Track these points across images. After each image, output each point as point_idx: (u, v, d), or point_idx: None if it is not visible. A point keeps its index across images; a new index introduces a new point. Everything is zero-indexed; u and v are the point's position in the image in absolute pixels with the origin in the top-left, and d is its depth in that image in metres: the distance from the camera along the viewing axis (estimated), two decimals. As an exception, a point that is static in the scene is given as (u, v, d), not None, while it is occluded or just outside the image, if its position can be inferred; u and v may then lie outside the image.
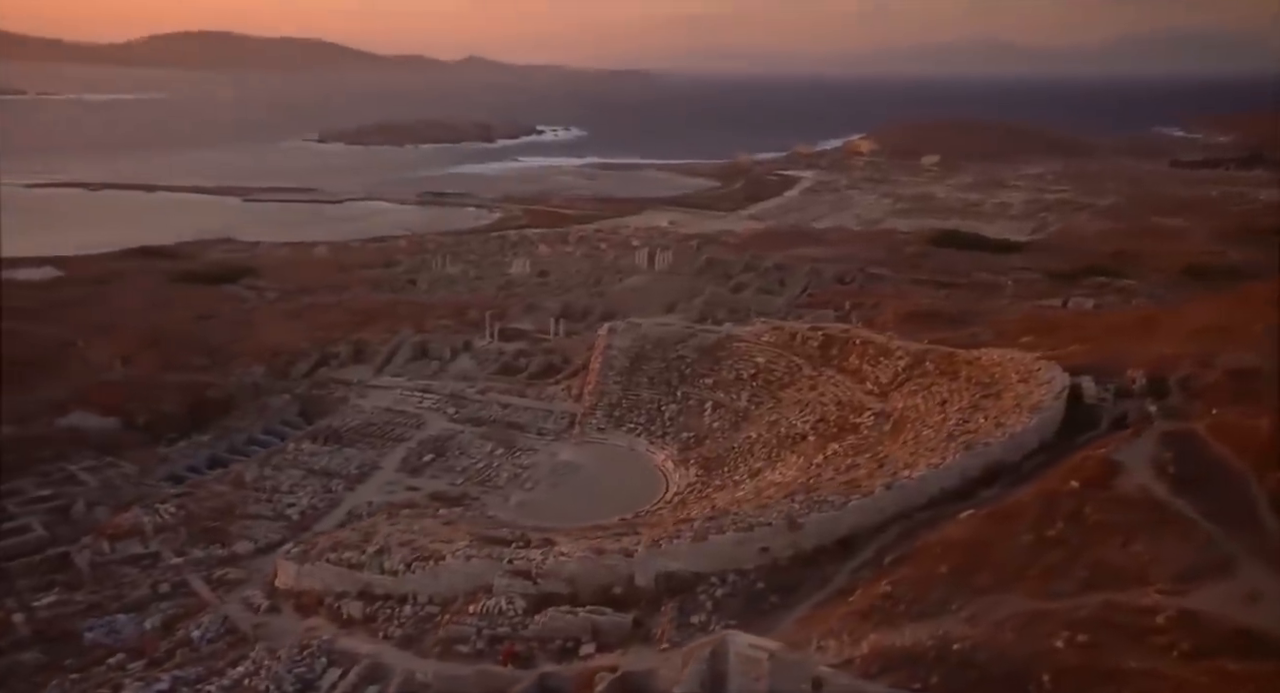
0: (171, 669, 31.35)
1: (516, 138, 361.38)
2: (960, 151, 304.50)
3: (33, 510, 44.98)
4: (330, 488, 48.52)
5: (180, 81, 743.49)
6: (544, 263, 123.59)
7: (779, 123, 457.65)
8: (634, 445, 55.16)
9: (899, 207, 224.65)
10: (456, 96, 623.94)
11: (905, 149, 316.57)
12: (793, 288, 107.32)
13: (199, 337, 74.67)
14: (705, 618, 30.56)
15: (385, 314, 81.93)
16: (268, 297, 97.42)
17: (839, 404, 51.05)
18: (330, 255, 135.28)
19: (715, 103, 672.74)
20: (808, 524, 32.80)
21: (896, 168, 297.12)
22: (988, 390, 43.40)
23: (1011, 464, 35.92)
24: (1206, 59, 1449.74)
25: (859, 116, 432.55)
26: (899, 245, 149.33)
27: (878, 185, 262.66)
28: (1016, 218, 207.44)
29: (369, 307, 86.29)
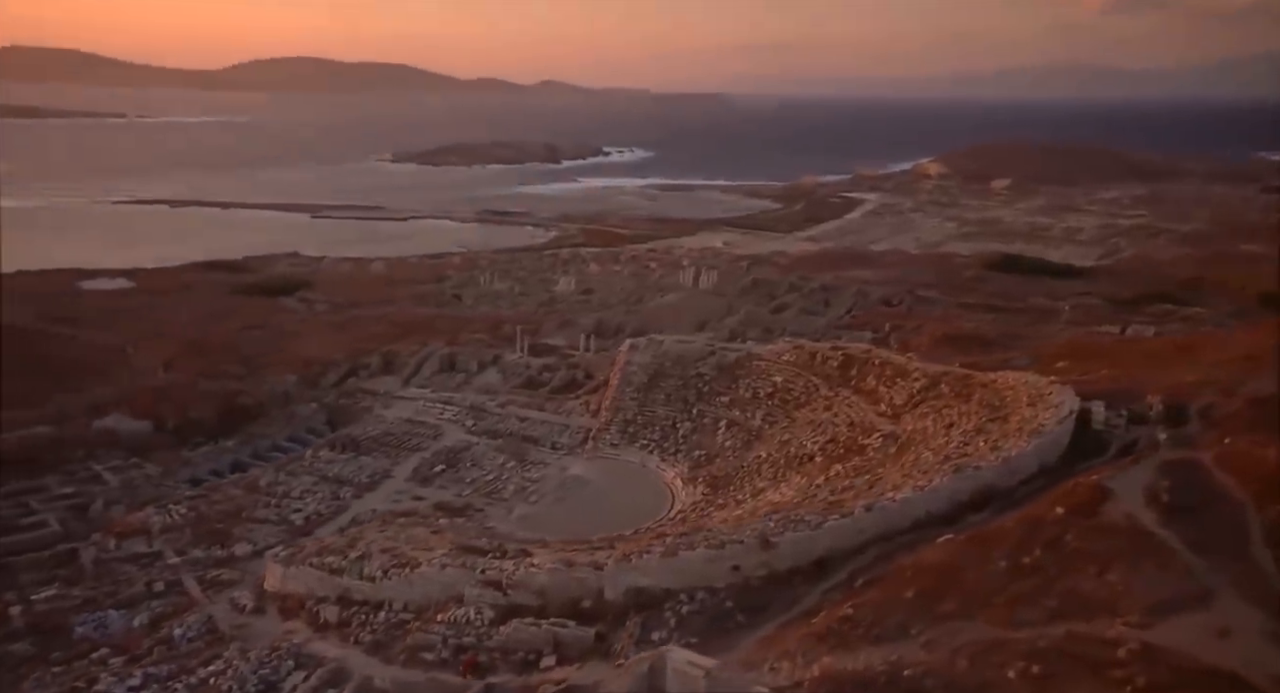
0: (148, 666, 32.12)
1: (583, 159, 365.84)
2: (1033, 175, 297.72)
3: (53, 507, 46.77)
4: (339, 495, 49.28)
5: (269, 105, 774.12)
6: (591, 281, 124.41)
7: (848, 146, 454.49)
8: (645, 462, 54.78)
9: (962, 230, 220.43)
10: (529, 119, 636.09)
11: (975, 173, 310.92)
12: (837, 309, 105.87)
13: (241, 346, 77.04)
14: (667, 635, 29.96)
15: (423, 327, 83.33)
16: (317, 309, 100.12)
17: (850, 425, 49.89)
18: (386, 270, 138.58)
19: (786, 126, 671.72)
20: (782, 544, 32.01)
21: (965, 191, 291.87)
22: (995, 414, 41.93)
23: (1005, 490, 34.58)
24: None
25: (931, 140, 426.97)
26: (955, 269, 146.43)
27: (943, 209, 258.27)
28: (1085, 243, 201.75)
29: (409, 320, 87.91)
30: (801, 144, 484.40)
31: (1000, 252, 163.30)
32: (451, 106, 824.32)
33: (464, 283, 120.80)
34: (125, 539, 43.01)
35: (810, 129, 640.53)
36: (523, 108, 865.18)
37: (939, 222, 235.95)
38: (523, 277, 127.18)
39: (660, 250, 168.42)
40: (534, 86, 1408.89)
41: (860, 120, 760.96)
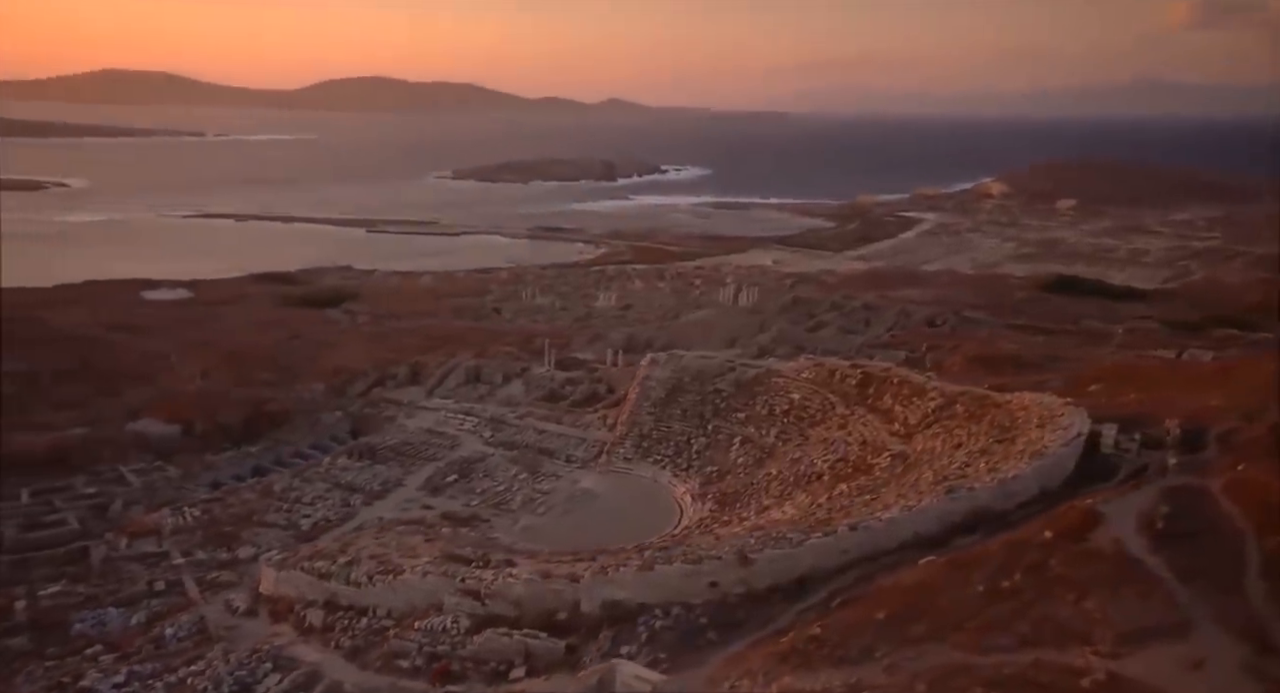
0: (134, 664, 32.79)
1: (639, 177, 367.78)
2: (1102, 196, 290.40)
3: (76, 506, 48.31)
4: (349, 502, 49.89)
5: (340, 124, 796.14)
6: (632, 297, 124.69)
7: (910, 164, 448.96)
8: (657, 477, 54.38)
9: (1021, 251, 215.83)
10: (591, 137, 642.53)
11: (1040, 192, 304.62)
12: (877, 328, 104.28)
13: (278, 355, 78.87)
14: (636, 650, 29.61)
15: (455, 340, 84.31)
16: (359, 320, 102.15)
17: (862, 444, 48.87)
18: (433, 284, 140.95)
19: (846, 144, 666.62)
20: (761, 561, 31.38)
21: (1028, 211, 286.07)
22: (1003, 435, 40.65)
23: (999, 512, 33.43)
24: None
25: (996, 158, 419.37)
26: (1008, 290, 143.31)
27: (1003, 229, 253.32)
28: (1152, 265, 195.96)
29: (444, 332, 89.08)
30: (861, 163, 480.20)
31: (1056, 273, 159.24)
32: (515, 125, 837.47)
33: (506, 297, 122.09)
34: (136, 539, 44.17)
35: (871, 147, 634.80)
36: (586, 126, 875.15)
37: (997, 242, 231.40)
38: (565, 292, 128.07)
39: (707, 268, 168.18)
40: (598, 105, 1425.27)
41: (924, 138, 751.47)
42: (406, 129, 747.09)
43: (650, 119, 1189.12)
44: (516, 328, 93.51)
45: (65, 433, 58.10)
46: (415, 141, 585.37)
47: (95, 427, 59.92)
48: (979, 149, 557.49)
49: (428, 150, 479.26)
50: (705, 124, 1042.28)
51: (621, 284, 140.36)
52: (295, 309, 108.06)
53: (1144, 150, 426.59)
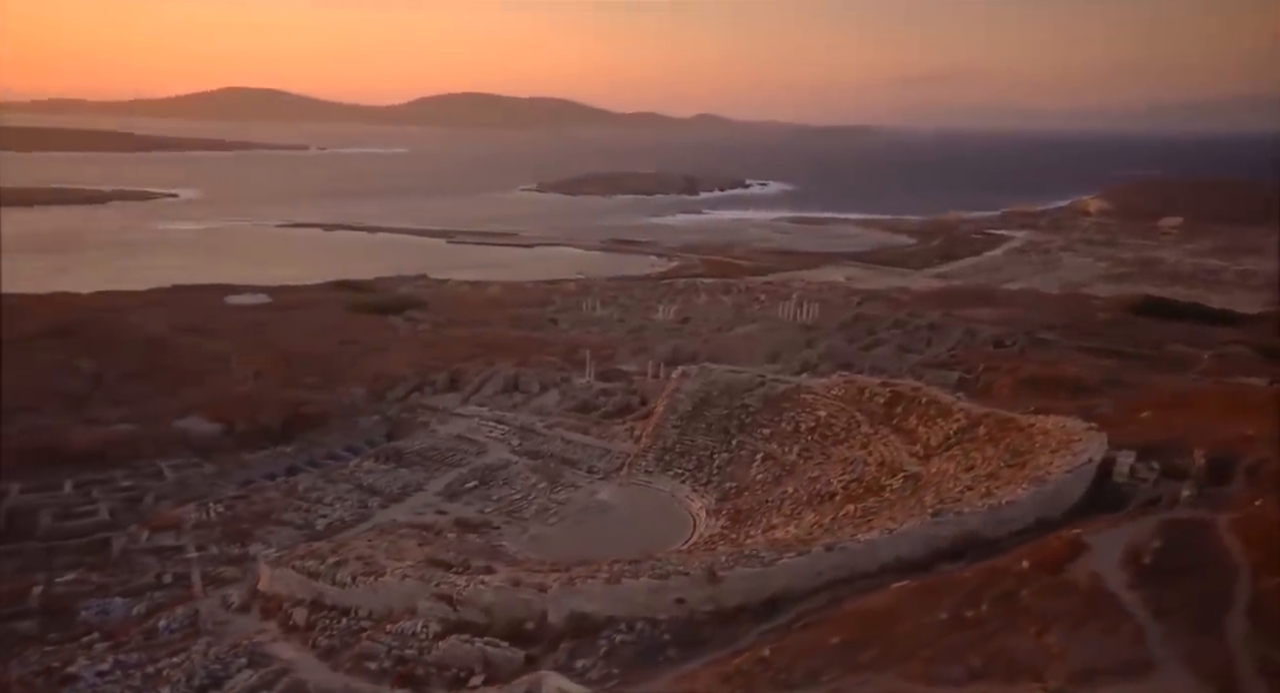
0: (122, 653, 33.90)
1: (722, 191, 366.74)
2: (1211, 214, 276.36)
3: (111, 498, 50.49)
4: (366, 504, 50.76)
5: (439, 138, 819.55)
6: (693, 310, 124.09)
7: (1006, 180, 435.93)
8: (676, 491, 53.67)
9: (1114, 271, 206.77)
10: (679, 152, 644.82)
11: (1142, 210, 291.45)
12: (938, 347, 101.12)
13: (329, 359, 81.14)
14: (592, 663, 29.19)
15: (503, 348, 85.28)
16: (419, 327, 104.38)
17: (880, 465, 47.25)
18: (500, 293, 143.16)
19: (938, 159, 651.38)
20: (730, 579, 30.56)
21: (1128, 230, 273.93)
22: (1015, 460, 38.72)
23: (991, 539, 31.82)
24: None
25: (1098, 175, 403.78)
26: (1090, 311, 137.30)
27: (1097, 248, 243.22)
28: (1259, 288, 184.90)
29: (493, 340, 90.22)
30: (953, 178, 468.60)
31: (1145, 294, 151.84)
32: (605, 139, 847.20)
33: (567, 308, 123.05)
34: (157, 532, 45.84)
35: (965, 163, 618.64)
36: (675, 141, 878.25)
37: (1090, 261, 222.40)
38: (628, 304, 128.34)
39: (777, 283, 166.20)
40: (689, 120, 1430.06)
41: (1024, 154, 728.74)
42: (499, 143, 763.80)
43: (739, 134, 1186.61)
44: (566, 338, 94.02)
45: (115, 428, 60.91)
46: (505, 155, 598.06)
47: (145, 424, 62.61)
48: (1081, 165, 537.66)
49: (516, 164, 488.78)
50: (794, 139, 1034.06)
51: (687, 298, 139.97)
52: (361, 316, 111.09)
53: (1261, 168, 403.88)
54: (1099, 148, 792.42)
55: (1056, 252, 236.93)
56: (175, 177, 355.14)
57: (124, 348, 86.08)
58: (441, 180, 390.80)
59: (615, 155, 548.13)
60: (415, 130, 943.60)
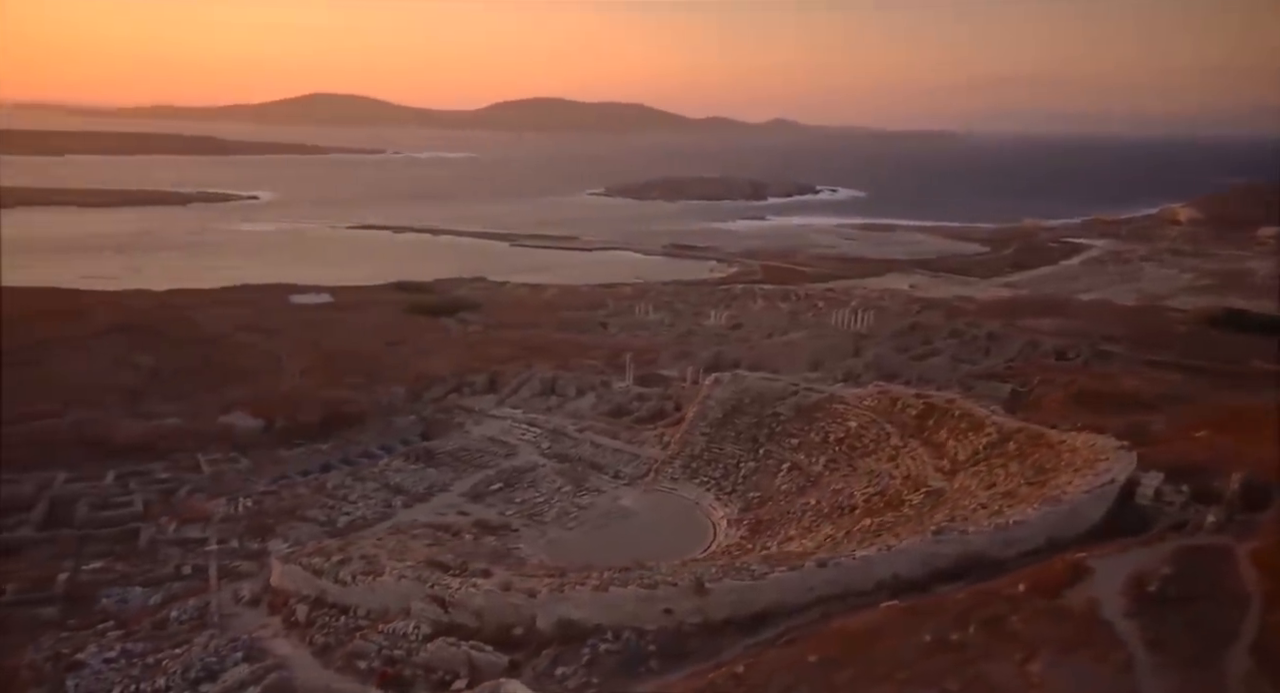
0: (131, 641, 34.79)
1: (789, 197, 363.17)
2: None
3: (148, 490, 52.04)
4: (390, 503, 51.30)
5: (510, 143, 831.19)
6: (746, 317, 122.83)
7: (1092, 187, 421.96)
8: (700, 500, 52.95)
9: (1199, 283, 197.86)
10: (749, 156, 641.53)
11: (1237, 218, 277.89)
12: (995, 358, 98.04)
13: (375, 359, 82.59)
14: (573, 671, 28.82)
15: (547, 350, 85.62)
16: (470, 328, 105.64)
17: (905, 478, 45.81)
18: (556, 297, 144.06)
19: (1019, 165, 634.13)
20: (718, 591, 29.86)
21: (1220, 239, 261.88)
22: (1037, 478, 37.08)
23: (997, 560, 30.44)
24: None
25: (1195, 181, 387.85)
26: (1165, 324, 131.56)
27: (1184, 258, 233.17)
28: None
29: (539, 342, 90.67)
30: (1034, 185, 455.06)
31: (1226, 307, 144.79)
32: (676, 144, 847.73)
33: (619, 312, 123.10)
34: (185, 524, 47.08)
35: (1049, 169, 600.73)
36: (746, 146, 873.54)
37: (1174, 272, 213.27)
38: (681, 309, 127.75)
39: (838, 290, 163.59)
40: (763, 125, 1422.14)
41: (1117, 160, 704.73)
42: (569, 148, 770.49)
43: (813, 139, 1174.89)
44: (612, 342, 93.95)
45: (162, 422, 62.90)
46: (574, 159, 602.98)
47: (192, 418, 64.52)
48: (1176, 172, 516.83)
49: (584, 168, 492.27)
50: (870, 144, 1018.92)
51: (742, 303, 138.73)
52: (414, 317, 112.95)
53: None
54: (1199, 153, 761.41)
55: (1138, 262, 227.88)
56: (256, 180, 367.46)
57: (183, 345, 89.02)
58: (508, 184, 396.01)
59: (684, 160, 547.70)
60: (489, 135, 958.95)
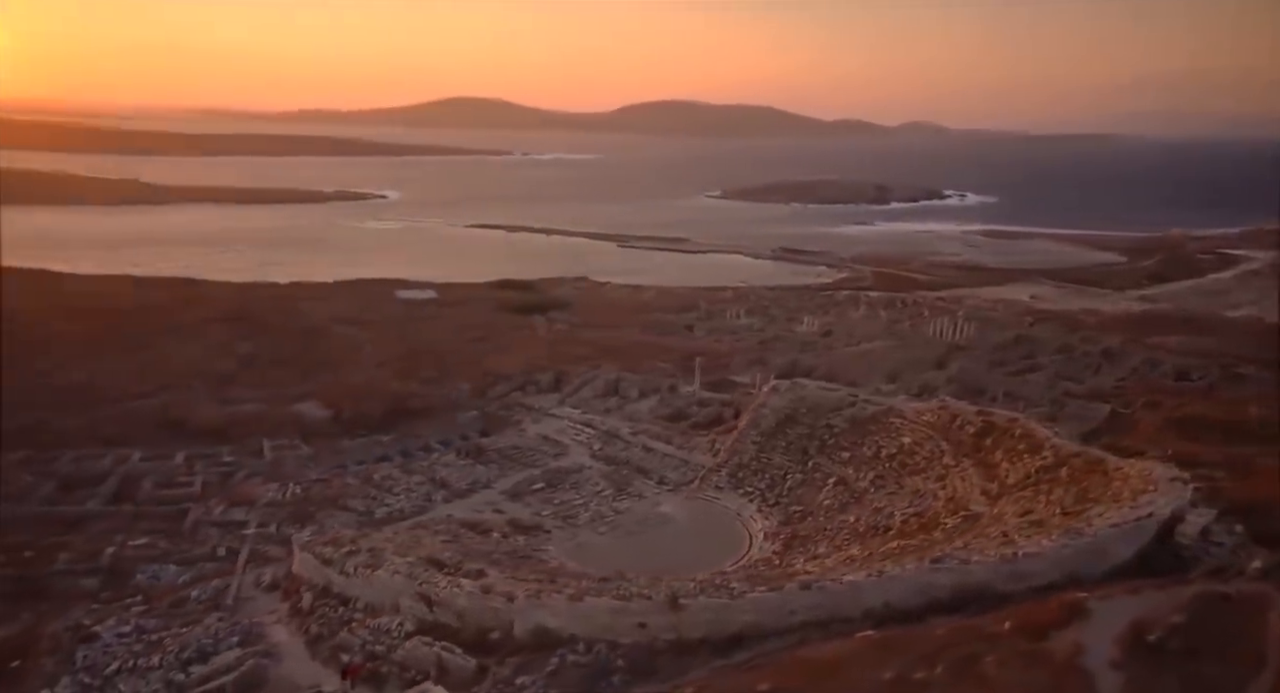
0: (147, 617, 36.26)
1: (914, 202, 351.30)
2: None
3: (210, 472, 54.52)
4: (430, 497, 51.92)
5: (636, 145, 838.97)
6: (843, 324, 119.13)
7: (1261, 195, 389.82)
8: (741, 510, 51.22)
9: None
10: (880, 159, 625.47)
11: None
12: (1107, 377, 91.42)
13: (451, 353, 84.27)
14: (534, 681, 28.11)
15: (623, 352, 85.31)
16: (555, 327, 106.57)
17: (948, 500, 42.89)
18: (654, 298, 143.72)
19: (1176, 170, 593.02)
20: (693, 608, 28.55)
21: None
22: (1075, 507, 33.91)
23: (1003, 593, 27.93)
24: None
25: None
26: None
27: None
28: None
29: (617, 343, 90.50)
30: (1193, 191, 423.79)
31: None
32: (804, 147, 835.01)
33: (710, 314, 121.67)
34: (232, 507, 48.98)
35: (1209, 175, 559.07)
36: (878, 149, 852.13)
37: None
38: (775, 314, 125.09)
39: (949, 299, 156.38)
40: (897, 128, 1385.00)
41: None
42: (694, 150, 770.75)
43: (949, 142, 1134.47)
44: (690, 345, 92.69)
45: (240, 408, 65.89)
46: (697, 162, 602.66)
47: (269, 405, 67.35)
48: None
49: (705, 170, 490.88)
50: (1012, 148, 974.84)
51: (842, 310, 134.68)
52: (506, 314, 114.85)
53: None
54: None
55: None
56: (389, 180, 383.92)
57: (283, 335, 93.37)
58: (626, 186, 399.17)
59: (810, 163, 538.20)
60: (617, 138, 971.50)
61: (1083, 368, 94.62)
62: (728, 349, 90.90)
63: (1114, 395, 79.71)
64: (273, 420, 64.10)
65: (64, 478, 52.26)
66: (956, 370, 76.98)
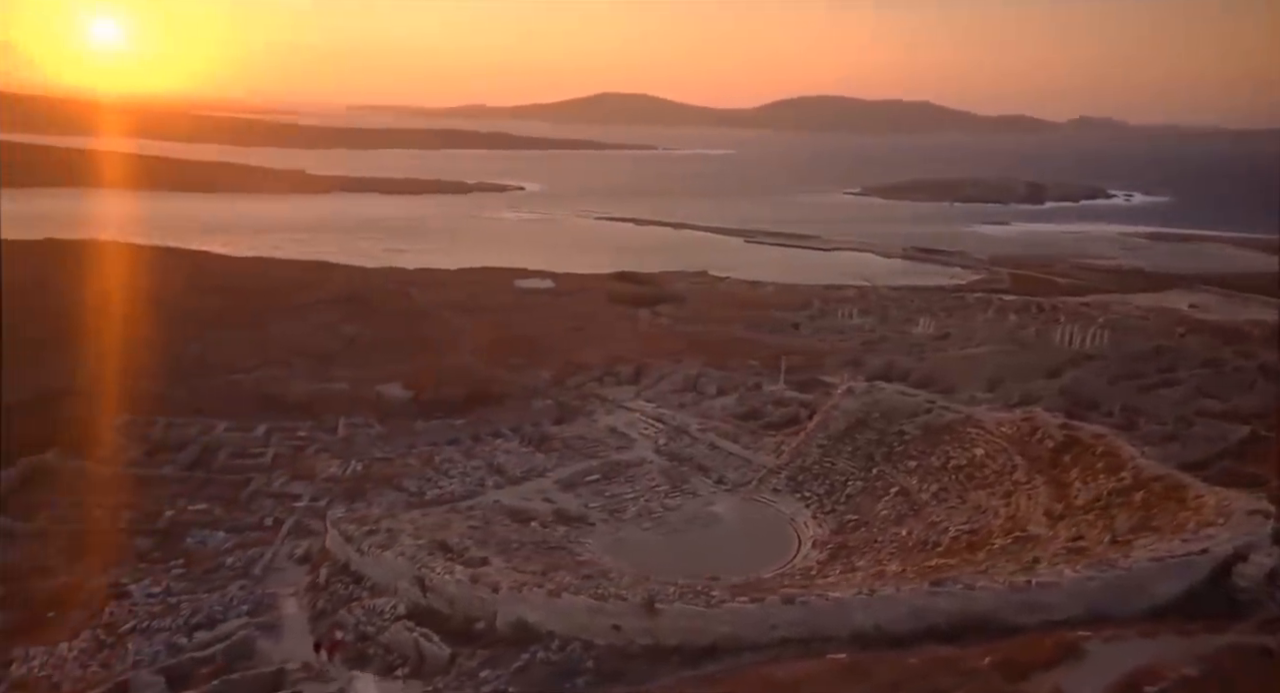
0: (178, 580, 37.69)
1: (1072, 201, 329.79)
2: None
3: (285, 445, 56.52)
4: (483, 483, 51.95)
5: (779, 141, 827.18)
6: (964, 327, 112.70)
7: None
8: (796, 516, 48.67)
9: None
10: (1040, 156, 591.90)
11: None
12: (1259, 395, 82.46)
13: (544, 342, 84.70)
14: (496, 676, 27.22)
15: (716, 347, 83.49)
16: (659, 321, 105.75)
17: (1008, 519, 39.17)
18: (771, 295, 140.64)
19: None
20: (669, 614, 26.93)
21: None
22: (1129, 535, 30.14)
23: (1009, 625, 24.98)
24: None
25: None
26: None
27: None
28: None
29: (713, 339, 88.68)
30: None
31: None
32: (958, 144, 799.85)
33: (824, 313, 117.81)
34: (292, 480, 50.55)
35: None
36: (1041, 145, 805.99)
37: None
38: (893, 315, 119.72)
39: (1094, 305, 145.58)
40: (1066, 124, 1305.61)
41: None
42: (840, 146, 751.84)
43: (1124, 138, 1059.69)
44: (790, 343, 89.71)
45: (328, 386, 68.28)
46: (841, 158, 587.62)
47: (356, 385, 69.52)
48: None
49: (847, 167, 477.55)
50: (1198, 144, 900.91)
51: (968, 313, 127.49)
52: (613, 306, 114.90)
53: None
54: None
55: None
56: (531, 172, 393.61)
57: (390, 318, 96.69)
58: (762, 182, 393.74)
59: (963, 160, 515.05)
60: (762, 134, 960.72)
61: (1231, 385, 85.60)
62: (828, 349, 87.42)
63: (1258, 417, 71.74)
64: (356, 399, 65.99)
65: (153, 443, 55.42)
66: (1070, 381, 70.99)
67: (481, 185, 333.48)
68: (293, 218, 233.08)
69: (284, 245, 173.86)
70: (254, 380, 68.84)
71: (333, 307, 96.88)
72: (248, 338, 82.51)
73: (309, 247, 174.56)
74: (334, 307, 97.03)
